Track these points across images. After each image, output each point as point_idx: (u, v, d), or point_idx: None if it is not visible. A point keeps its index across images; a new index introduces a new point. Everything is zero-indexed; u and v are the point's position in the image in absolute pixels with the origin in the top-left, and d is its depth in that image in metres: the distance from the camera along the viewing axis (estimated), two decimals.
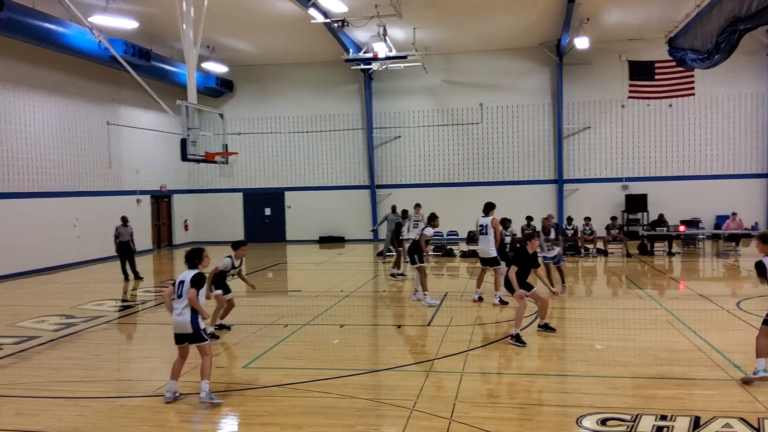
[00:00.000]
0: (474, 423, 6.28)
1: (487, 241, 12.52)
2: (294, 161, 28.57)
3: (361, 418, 6.54)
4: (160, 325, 12.03)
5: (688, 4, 19.12)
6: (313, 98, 27.98)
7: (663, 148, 25.70)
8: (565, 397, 7.18)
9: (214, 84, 26.70)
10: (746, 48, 21.41)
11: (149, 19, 20.17)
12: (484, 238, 12.54)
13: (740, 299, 12.48)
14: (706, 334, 9.58)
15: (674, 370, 7.95)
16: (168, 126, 25.55)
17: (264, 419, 6.61)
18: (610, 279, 16.58)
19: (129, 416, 6.84)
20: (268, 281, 17.84)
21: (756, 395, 6.83)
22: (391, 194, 27.18)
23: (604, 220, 22.34)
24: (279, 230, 28.69)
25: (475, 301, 12.76)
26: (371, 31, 20.94)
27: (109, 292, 15.75)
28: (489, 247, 12.49)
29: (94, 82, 22.20)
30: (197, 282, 7.11)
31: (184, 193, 28.59)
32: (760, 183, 24.94)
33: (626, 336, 10.01)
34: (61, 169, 20.83)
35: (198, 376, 7.14)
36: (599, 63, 25.57)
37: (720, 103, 25.16)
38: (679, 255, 20.41)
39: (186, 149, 14.81)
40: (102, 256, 21.59)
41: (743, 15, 13.60)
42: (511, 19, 22.15)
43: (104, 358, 9.50)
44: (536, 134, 26.60)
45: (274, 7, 19.78)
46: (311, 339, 10.31)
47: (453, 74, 26.97)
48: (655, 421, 6.21)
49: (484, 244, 12.61)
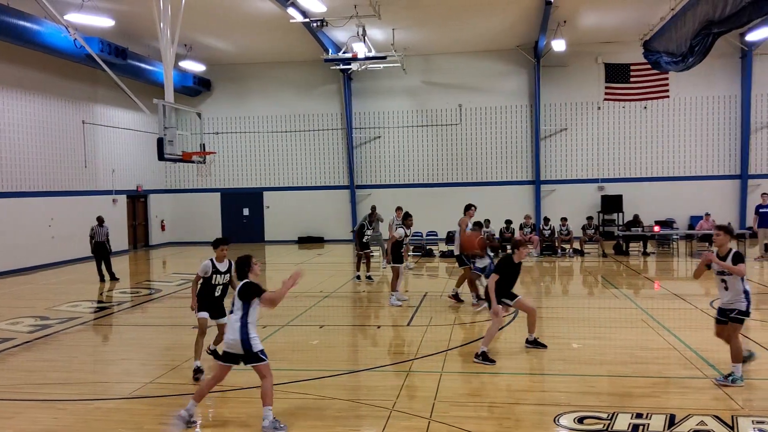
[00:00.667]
0: (453, 422, 6.32)
1: (456, 242, 12.67)
2: (273, 161, 28.45)
3: (341, 419, 6.54)
4: (137, 327, 11.93)
5: (663, 7, 19.38)
6: (292, 98, 27.89)
7: (638, 150, 26.04)
8: (542, 395, 7.26)
9: (192, 83, 26.48)
10: (720, 51, 21.84)
11: (126, 17, 19.96)
12: (457, 238, 12.67)
13: (713, 298, 12.67)
14: (680, 333, 9.74)
15: (649, 369, 8.06)
16: (145, 125, 25.30)
17: (243, 421, 6.59)
18: (587, 279, 16.76)
19: (105, 419, 6.77)
20: None
21: (730, 393, 6.95)
22: (371, 194, 27.20)
23: (580, 221, 22.59)
24: (257, 231, 28.54)
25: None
26: (350, 32, 20.94)
27: (84, 293, 15.56)
28: (456, 248, 12.61)
29: (70, 80, 21.90)
30: (243, 294, 6.39)
31: (161, 192, 28.32)
32: (733, 184, 25.38)
33: (602, 335, 10.13)
34: (36, 168, 20.50)
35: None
36: (576, 65, 25.84)
37: (694, 105, 25.56)
38: (654, 255, 20.71)
39: (163, 148, 14.69)
40: (77, 257, 21.30)
41: (717, 18, 13.81)
42: (490, 21, 22.28)
43: (80, 360, 9.38)
44: (514, 135, 26.79)
45: (253, 6, 19.68)
46: (290, 340, 10.29)
47: (432, 75, 27.06)
48: (631, 419, 6.30)
49: (455, 245, 12.86)
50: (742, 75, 24.83)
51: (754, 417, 6.27)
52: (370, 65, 23.75)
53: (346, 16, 19.57)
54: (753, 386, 7.38)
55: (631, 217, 22.46)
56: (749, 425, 6.09)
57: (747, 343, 8.16)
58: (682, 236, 22.23)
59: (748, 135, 24.96)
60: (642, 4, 20.37)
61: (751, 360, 7.92)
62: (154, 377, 8.18)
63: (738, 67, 24.99)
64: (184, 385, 7.81)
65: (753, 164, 25.24)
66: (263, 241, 28.31)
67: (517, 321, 11.03)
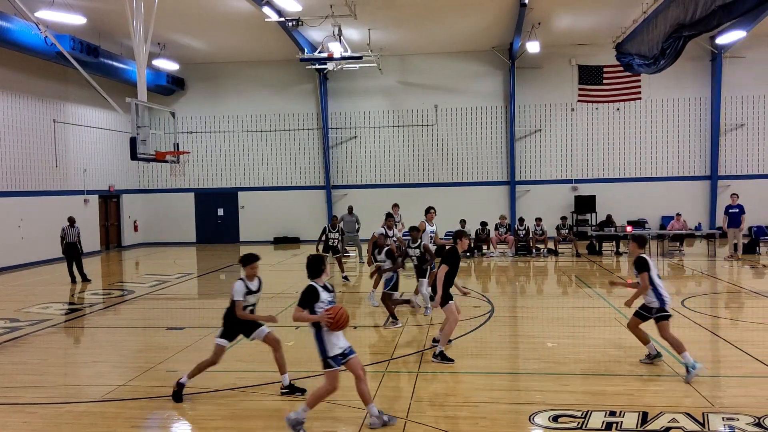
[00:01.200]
0: (429, 422, 6.33)
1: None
2: (248, 161, 28.26)
3: (317, 420, 6.51)
4: (109, 329, 11.77)
5: (635, 10, 19.67)
6: (268, 97, 27.74)
7: (611, 151, 26.37)
8: (518, 394, 7.31)
9: (165, 82, 26.19)
10: (690, 54, 22.22)
11: (98, 15, 19.68)
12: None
13: (685, 297, 12.90)
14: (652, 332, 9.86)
15: (622, 367, 8.17)
16: (117, 124, 24.97)
17: (218, 423, 6.53)
18: (561, 278, 16.92)
19: (76, 422, 6.66)
20: (221, 283, 17.59)
21: (701, 390, 7.07)
22: (347, 194, 27.17)
23: (554, 221, 22.81)
24: (232, 231, 28.31)
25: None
26: (326, 31, 20.88)
27: (55, 294, 15.30)
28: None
29: (40, 78, 21.54)
30: (304, 299, 6.29)
31: (134, 192, 27.96)
32: (703, 185, 25.83)
33: (576, 334, 10.23)
34: (5, 167, 20.11)
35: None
36: (550, 67, 26.09)
37: (665, 107, 25.96)
38: (626, 255, 20.97)
39: (136, 148, 14.52)
40: (48, 258, 20.94)
41: (688, 22, 14.05)
42: (465, 22, 22.38)
43: (50, 363, 9.22)
44: (489, 136, 26.95)
45: (228, 5, 19.54)
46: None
47: (408, 75, 27.11)
48: (605, 417, 6.37)
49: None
50: (713, 77, 25.29)
51: (725, 414, 6.37)
52: (346, 65, 23.72)
53: (322, 16, 19.51)
54: (723, 384, 7.52)
55: (604, 217, 22.76)
56: (719, 422, 6.19)
57: (657, 342, 8.30)
58: (654, 236, 22.53)
59: (718, 136, 25.42)
60: (615, 7, 20.64)
61: (658, 359, 8.17)
62: (126, 380, 8.07)
63: (708, 69, 25.44)
64: (157, 387, 7.72)
65: (722, 165, 25.71)
66: (238, 241, 28.11)
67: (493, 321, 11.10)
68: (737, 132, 25.57)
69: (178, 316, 12.55)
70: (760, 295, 13.24)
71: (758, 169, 25.56)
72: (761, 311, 11.81)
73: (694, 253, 21.00)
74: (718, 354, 9.02)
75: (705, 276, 16.32)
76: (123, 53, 22.86)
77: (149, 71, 22.09)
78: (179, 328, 10.46)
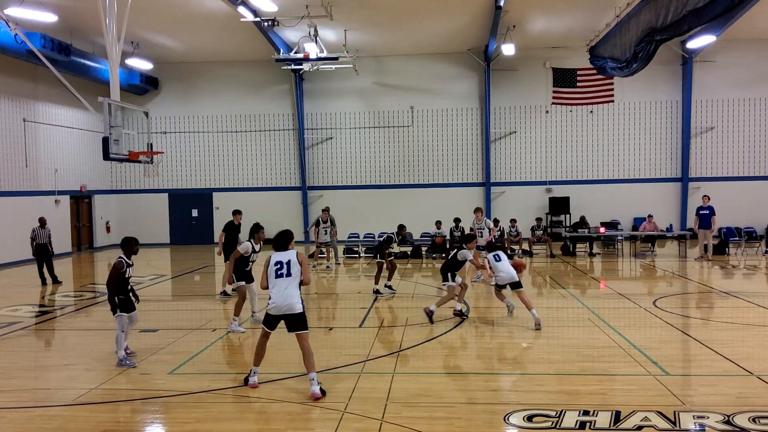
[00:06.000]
0: (405, 423, 6.33)
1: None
2: (223, 161, 28.05)
3: (292, 422, 6.48)
4: (80, 331, 11.58)
5: (609, 14, 19.93)
6: (243, 97, 27.57)
7: (584, 153, 26.68)
8: (493, 394, 7.34)
9: (139, 81, 25.90)
10: (662, 58, 22.56)
11: (70, 13, 19.38)
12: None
13: (656, 297, 13.08)
14: (624, 332, 9.99)
15: (596, 367, 8.25)
16: (89, 124, 24.60)
17: (192, 426, 6.46)
18: (535, 279, 17.04)
19: (46, 427, 6.54)
20: (196, 284, 17.43)
21: (672, 389, 7.17)
22: (323, 195, 27.11)
23: (529, 222, 23.00)
24: (207, 232, 28.05)
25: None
26: (302, 32, 20.81)
27: (25, 296, 15.02)
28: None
29: (10, 77, 21.15)
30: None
31: (106, 193, 27.58)
32: (675, 187, 26.25)
33: (550, 334, 10.30)
34: None
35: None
36: (525, 69, 26.31)
37: (637, 110, 26.34)
38: (600, 255, 21.23)
39: (108, 148, 14.33)
40: (18, 260, 20.56)
41: (659, 26, 14.28)
42: (441, 23, 22.48)
43: (20, 367, 9.04)
44: (465, 138, 27.09)
45: (202, 4, 19.38)
46: (240, 343, 10.15)
47: (384, 77, 27.14)
48: (579, 416, 6.43)
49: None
50: (683, 81, 25.73)
51: (695, 412, 6.47)
52: (322, 66, 23.67)
53: (298, 16, 19.45)
54: (694, 383, 7.64)
55: (578, 218, 22.99)
56: (690, 420, 6.29)
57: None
58: (626, 237, 22.83)
59: (689, 139, 25.86)
60: (588, 10, 20.89)
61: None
62: (98, 383, 7.94)
63: (679, 73, 25.87)
64: (130, 390, 7.62)
65: (693, 167, 26.17)
66: (213, 243, 27.82)
67: (468, 322, 11.16)
68: (707, 135, 26.04)
69: (151, 318, 12.38)
70: (730, 295, 13.48)
71: (728, 171, 26.06)
72: (731, 311, 12.02)
73: (666, 254, 21.33)
74: (689, 353, 9.16)
75: (676, 276, 16.57)
76: (95, 52, 22.55)
77: (122, 70, 21.82)
78: (153, 330, 10.33)
